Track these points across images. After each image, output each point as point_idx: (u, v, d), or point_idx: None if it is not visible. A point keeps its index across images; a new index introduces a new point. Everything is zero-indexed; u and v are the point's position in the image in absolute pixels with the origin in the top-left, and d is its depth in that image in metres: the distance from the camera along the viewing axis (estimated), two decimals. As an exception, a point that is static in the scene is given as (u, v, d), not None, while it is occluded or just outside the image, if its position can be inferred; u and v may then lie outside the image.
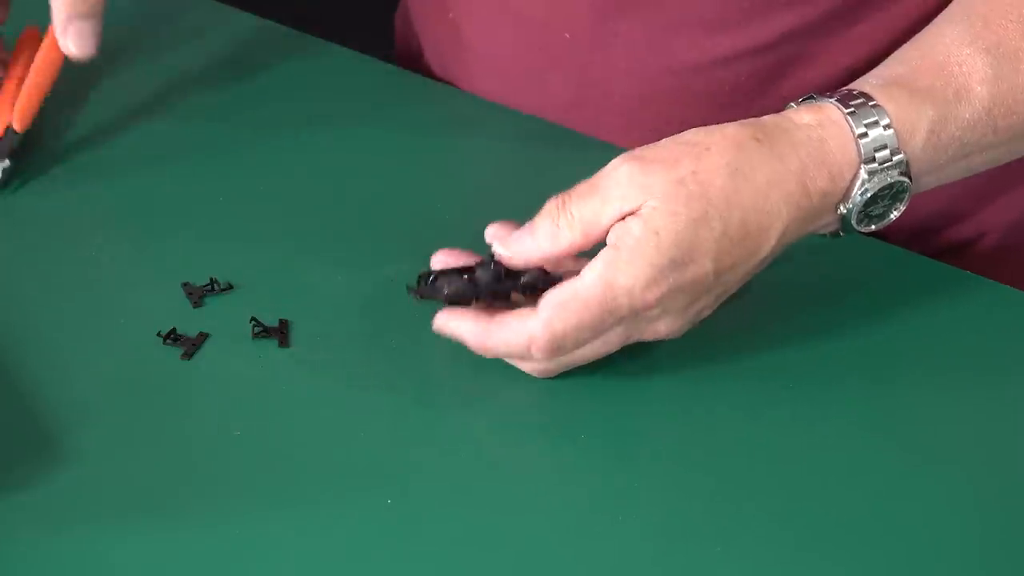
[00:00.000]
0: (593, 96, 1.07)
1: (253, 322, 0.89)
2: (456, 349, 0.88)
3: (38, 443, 0.82)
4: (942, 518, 0.81)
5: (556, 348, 0.83)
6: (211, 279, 0.92)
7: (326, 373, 0.88)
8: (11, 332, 0.89)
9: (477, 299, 0.85)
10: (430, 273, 0.87)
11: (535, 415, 0.86)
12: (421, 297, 0.86)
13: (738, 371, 0.89)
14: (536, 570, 0.78)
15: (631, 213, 0.82)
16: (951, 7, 0.92)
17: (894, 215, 0.88)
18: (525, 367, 0.87)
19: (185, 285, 0.92)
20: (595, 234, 0.83)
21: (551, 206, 0.84)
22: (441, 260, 0.88)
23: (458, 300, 0.86)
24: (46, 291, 0.92)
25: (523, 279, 0.85)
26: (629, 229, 0.82)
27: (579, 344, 0.84)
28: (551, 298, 0.83)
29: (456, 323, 0.85)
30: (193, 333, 0.89)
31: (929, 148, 0.87)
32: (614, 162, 0.84)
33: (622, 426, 0.86)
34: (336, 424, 0.85)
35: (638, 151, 0.84)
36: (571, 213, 0.83)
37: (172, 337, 0.89)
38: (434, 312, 0.87)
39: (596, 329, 0.83)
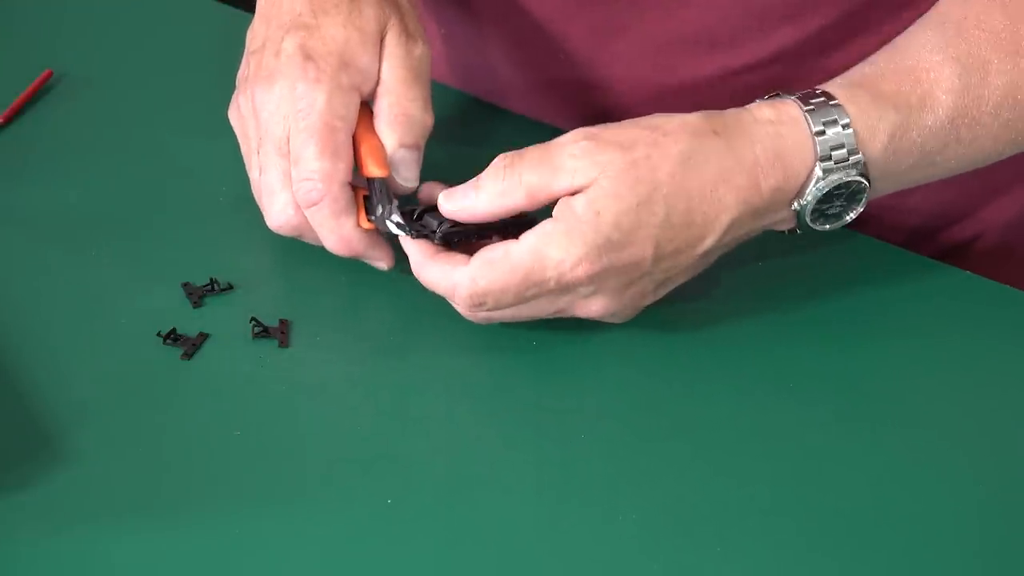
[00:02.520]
0: (590, 112, 1.07)
1: (253, 322, 0.90)
2: (456, 349, 0.89)
3: (38, 443, 0.82)
4: (942, 516, 0.81)
5: (476, 304, 0.85)
6: (211, 279, 0.92)
7: (326, 373, 0.88)
8: (11, 332, 0.89)
9: (468, 240, 0.87)
10: (414, 210, 0.89)
11: (536, 415, 0.86)
12: (415, 237, 0.87)
13: (738, 372, 0.89)
14: (537, 569, 0.78)
15: (580, 189, 0.83)
16: (930, 11, 0.92)
17: (850, 216, 0.89)
18: (457, 308, 0.88)
19: (185, 285, 0.92)
20: (542, 199, 0.85)
21: (499, 166, 0.85)
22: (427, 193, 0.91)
23: (450, 239, 0.87)
24: (46, 291, 0.92)
25: (503, 219, 0.86)
26: (572, 205, 0.83)
27: (500, 305, 0.85)
28: (483, 254, 0.85)
29: (410, 244, 0.88)
30: (193, 333, 0.89)
31: (890, 152, 0.87)
32: (571, 135, 0.85)
33: (622, 425, 0.86)
34: (336, 424, 0.85)
35: (596, 128, 0.85)
36: (518, 177, 0.84)
37: (172, 337, 0.89)
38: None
39: (519, 295, 0.85)
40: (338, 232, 0.89)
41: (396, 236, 0.89)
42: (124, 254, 0.95)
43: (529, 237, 0.84)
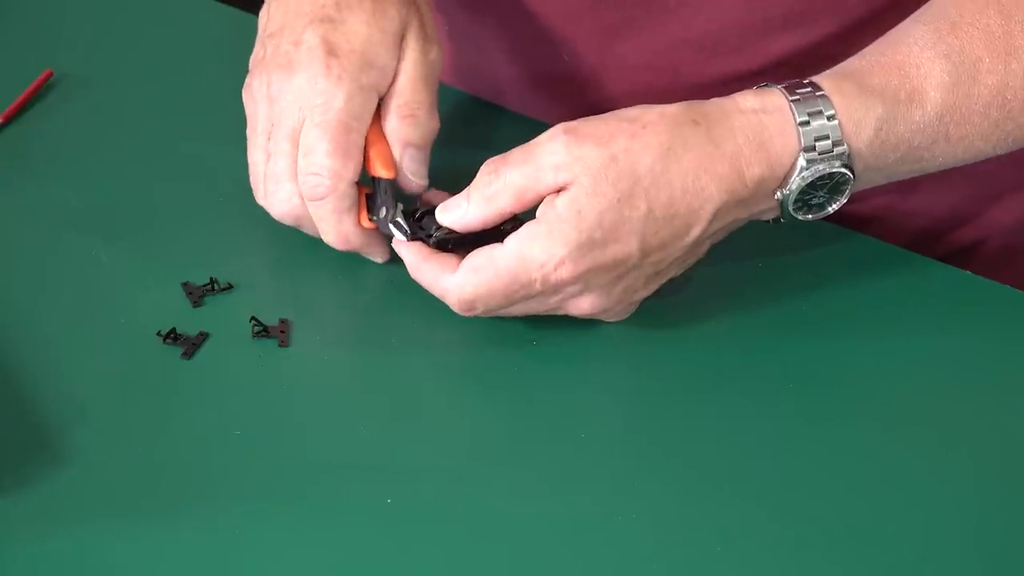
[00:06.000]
0: (593, 113, 1.07)
1: (253, 322, 0.89)
2: (456, 348, 0.89)
3: (37, 443, 0.82)
4: (943, 516, 0.81)
5: (467, 308, 0.87)
6: (211, 279, 0.92)
7: (326, 373, 0.88)
8: (11, 332, 0.89)
9: (464, 244, 0.87)
10: (416, 210, 0.90)
11: (536, 414, 0.86)
12: (411, 239, 0.88)
13: (739, 371, 0.89)
14: (537, 569, 0.78)
15: (564, 186, 0.83)
16: (926, 6, 0.91)
17: (833, 207, 0.88)
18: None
19: (185, 285, 0.92)
20: (529, 199, 0.85)
21: (485, 173, 0.86)
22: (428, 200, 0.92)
23: (444, 244, 0.87)
24: (46, 291, 0.92)
25: (503, 226, 0.86)
26: (555, 205, 0.84)
27: (491, 309, 0.86)
28: (470, 260, 0.86)
29: (405, 248, 0.89)
30: (193, 333, 0.89)
31: (876, 145, 0.87)
32: (550, 132, 0.86)
33: (621, 423, 0.86)
34: (336, 424, 0.85)
35: (574, 123, 0.86)
36: (504, 181, 0.85)
37: (172, 337, 0.89)
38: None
39: (507, 298, 0.85)
40: (338, 228, 0.91)
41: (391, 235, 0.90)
42: (124, 254, 0.95)
43: (512, 240, 0.84)
